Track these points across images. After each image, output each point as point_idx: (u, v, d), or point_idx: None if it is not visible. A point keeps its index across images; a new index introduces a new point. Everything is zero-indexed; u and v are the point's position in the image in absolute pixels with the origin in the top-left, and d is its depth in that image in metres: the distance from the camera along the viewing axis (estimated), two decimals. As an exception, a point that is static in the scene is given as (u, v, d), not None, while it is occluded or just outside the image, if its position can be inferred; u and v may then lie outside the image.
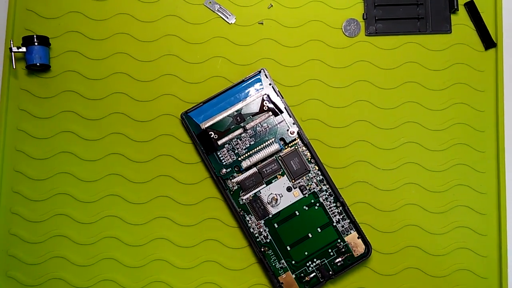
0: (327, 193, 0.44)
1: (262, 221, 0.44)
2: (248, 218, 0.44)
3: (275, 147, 0.44)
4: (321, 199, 0.44)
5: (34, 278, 0.45)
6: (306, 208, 0.44)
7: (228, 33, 0.47)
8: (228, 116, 0.44)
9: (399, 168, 0.47)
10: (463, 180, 0.47)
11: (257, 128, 0.44)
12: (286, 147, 0.44)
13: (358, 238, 0.44)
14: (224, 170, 0.44)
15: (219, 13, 0.48)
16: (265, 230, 0.44)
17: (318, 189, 0.44)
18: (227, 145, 0.44)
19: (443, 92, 0.48)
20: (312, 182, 0.44)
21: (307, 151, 0.44)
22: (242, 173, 0.44)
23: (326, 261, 0.43)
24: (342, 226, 0.44)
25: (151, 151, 0.46)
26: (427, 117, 0.47)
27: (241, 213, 0.44)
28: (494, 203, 0.47)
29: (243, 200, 0.44)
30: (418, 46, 0.48)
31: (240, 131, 0.44)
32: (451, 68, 0.48)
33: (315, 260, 0.43)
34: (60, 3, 0.47)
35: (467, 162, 0.47)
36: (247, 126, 0.44)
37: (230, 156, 0.44)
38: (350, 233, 0.44)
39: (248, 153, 0.44)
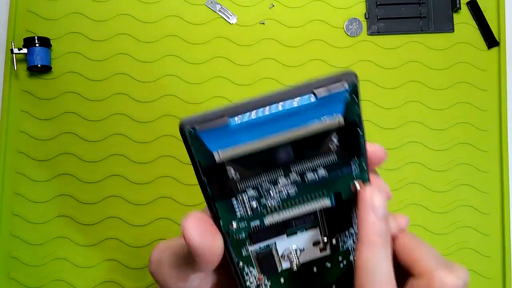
0: None
1: (266, 276, 0.29)
2: (247, 271, 0.29)
3: (323, 203, 0.27)
4: (351, 258, 0.30)
5: (36, 280, 0.45)
6: (329, 266, 0.30)
7: (230, 33, 0.47)
8: (267, 148, 0.25)
9: (401, 168, 0.47)
10: (466, 179, 0.47)
11: (308, 176, 0.26)
12: (338, 203, 0.28)
13: None
14: (235, 224, 0.27)
15: (220, 13, 0.47)
16: (265, 285, 0.30)
17: (354, 246, 0.29)
18: (252, 190, 0.25)
19: (445, 91, 0.47)
20: (350, 239, 0.29)
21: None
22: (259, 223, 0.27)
23: None
24: None
25: (152, 152, 0.46)
26: (430, 117, 0.47)
27: (240, 265, 0.29)
28: (498, 202, 0.47)
29: (247, 252, 0.28)
30: (420, 45, 0.48)
31: (279, 172, 0.26)
32: (454, 67, 0.48)
33: None
34: (61, 5, 0.47)
35: (470, 162, 0.47)
36: (293, 168, 0.27)
37: (251, 208, 0.27)
38: None
39: (281, 206, 0.27)
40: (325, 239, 0.29)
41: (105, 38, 0.47)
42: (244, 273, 0.29)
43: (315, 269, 0.30)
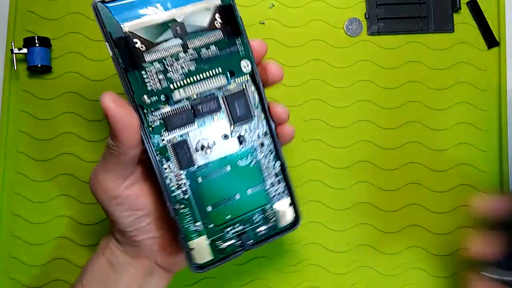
0: (268, 150, 0.35)
1: (184, 172, 0.33)
2: (165, 166, 0.33)
3: (221, 80, 0.33)
4: (259, 155, 0.35)
5: (36, 280, 0.45)
6: (241, 164, 0.35)
7: (230, 33, 0.47)
8: (164, 22, 0.31)
9: (402, 168, 0.47)
10: (466, 179, 0.47)
11: (202, 51, 0.32)
12: (233, 82, 0.34)
13: (290, 205, 0.36)
14: (147, 97, 0.31)
15: (220, 13, 0.47)
16: (185, 184, 0.33)
17: (259, 142, 0.35)
18: (158, 63, 0.31)
19: (445, 92, 0.47)
20: (254, 133, 0.35)
21: (257, 94, 0.34)
22: (170, 106, 0.32)
23: (249, 228, 0.35)
24: (275, 191, 0.36)
25: (153, 152, 0.46)
26: (430, 117, 0.47)
27: (158, 157, 0.33)
28: (498, 202, 0.47)
29: (164, 142, 0.32)
30: (420, 45, 0.48)
31: (178, 48, 0.32)
32: (454, 67, 0.48)
33: (237, 225, 0.35)
34: (61, 5, 0.47)
35: (470, 162, 0.47)
36: (190, 44, 0.32)
37: (160, 81, 0.31)
38: (283, 199, 0.36)
39: (185, 81, 0.32)
40: (231, 128, 0.34)
41: (105, 38, 0.47)
42: (163, 169, 0.33)
43: (228, 168, 0.34)
